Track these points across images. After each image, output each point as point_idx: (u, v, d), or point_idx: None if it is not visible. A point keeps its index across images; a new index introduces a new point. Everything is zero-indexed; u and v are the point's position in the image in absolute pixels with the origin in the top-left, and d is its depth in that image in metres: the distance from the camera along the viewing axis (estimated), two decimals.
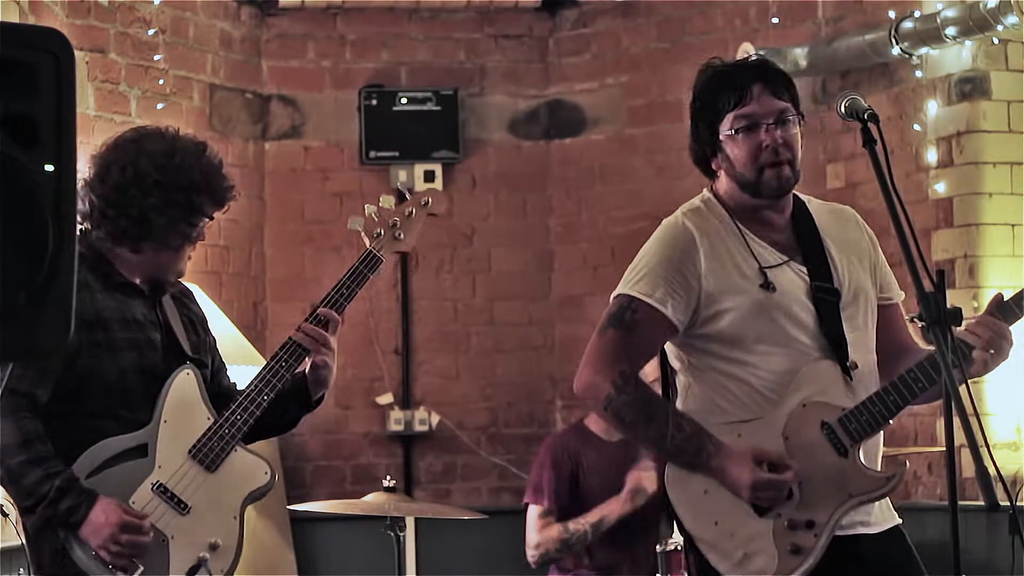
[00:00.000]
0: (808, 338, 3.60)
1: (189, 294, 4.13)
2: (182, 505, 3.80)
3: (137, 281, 3.93)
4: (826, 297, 3.62)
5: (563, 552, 5.93)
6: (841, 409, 3.56)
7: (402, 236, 4.17)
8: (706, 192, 3.76)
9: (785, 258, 3.65)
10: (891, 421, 3.59)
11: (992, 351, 3.55)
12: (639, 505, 5.78)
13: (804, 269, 3.64)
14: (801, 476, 3.53)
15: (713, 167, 3.72)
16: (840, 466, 3.56)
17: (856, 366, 3.61)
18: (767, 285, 3.59)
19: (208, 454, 3.85)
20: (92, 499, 3.68)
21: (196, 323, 4.06)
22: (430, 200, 4.24)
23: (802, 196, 3.77)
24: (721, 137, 3.66)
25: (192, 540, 3.80)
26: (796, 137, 3.66)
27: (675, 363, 3.74)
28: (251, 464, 3.93)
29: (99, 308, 3.82)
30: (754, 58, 3.72)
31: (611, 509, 5.88)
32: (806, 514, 3.54)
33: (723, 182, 3.72)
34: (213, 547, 3.82)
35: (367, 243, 4.13)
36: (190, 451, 3.84)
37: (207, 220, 3.95)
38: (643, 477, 5.75)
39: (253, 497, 3.92)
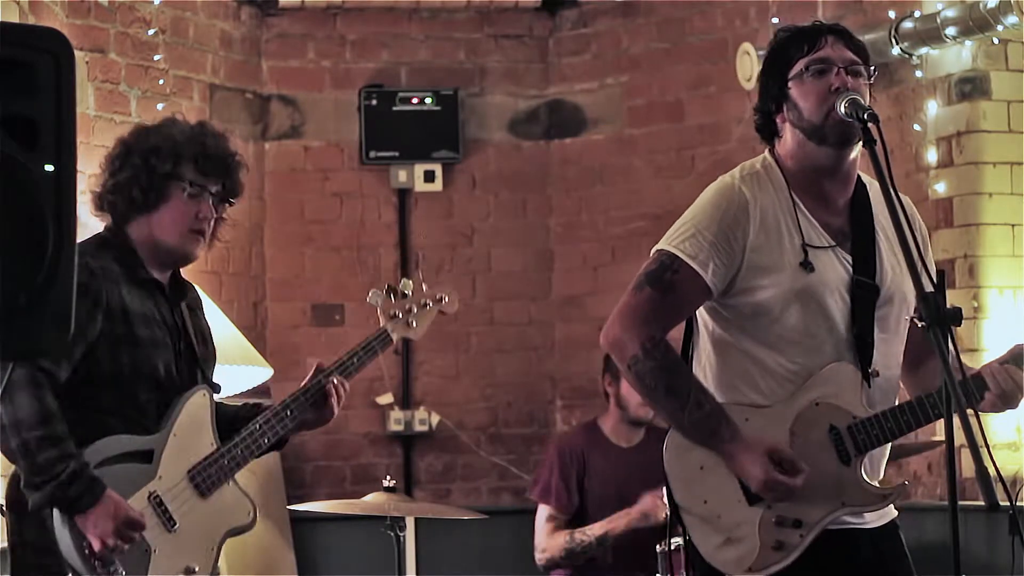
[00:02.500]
0: (837, 333, 3.55)
1: (199, 304, 4.14)
2: (171, 522, 3.80)
3: (157, 277, 3.94)
4: (864, 293, 3.57)
5: (568, 560, 5.94)
6: (852, 416, 3.54)
7: (414, 325, 4.35)
8: (767, 155, 3.68)
9: (832, 243, 3.58)
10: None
11: (1004, 401, 3.56)
12: (644, 527, 5.77)
13: (849, 259, 3.58)
14: (807, 473, 3.50)
15: (778, 123, 3.64)
16: (840, 474, 3.54)
17: (877, 374, 3.57)
18: (806, 264, 3.53)
19: (205, 480, 3.87)
20: (102, 489, 3.69)
21: (205, 335, 4.09)
22: (445, 299, 4.43)
23: (866, 179, 3.68)
24: (790, 84, 3.59)
25: (172, 558, 3.81)
26: (865, 91, 3.57)
27: (700, 327, 3.67)
28: (237, 501, 3.97)
29: (125, 301, 3.84)
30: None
31: (617, 524, 5.88)
32: (796, 512, 3.52)
33: (787, 140, 3.63)
34: (188, 571, 3.82)
35: (381, 320, 4.29)
36: (189, 472, 3.86)
37: (188, 184, 3.92)
38: (657, 504, 5.74)
39: (232, 533, 3.95)
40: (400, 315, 4.29)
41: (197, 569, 3.83)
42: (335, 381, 4.04)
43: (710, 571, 3.58)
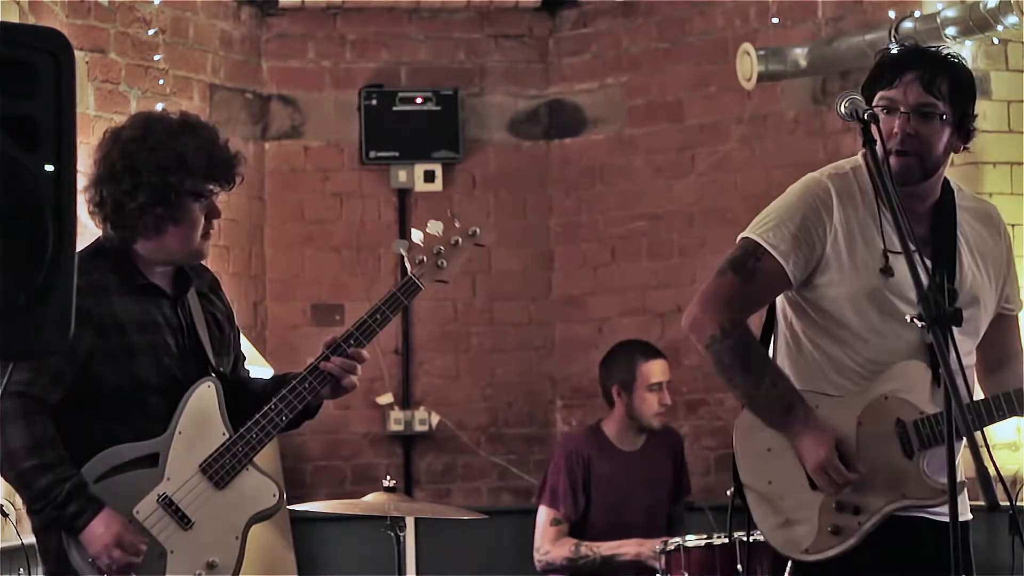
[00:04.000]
0: (911, 334, 3.62)
1: (215, 285, 4.06)
2: (185, 520, 3.77)
3: (157, 281, 3.89)
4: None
5: (568, 569, 5.95)
6: (920, 412, 3.60)
7: (445, 265, 4.13)
8: (859, 158, 3.74)
9: (913, 248, 3.62)
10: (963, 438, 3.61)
11: None
12: (653, 563, 5.78)
13: (928, 264, 3.63)
14: (863, 475, 3.59)
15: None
16: (902, 467, 3.61)
17: None
18: (887, 270, 3.62)
19: (219, 471, 3.82)
20: (98, 508, 3.68)
21: (220, 319, 4.01)
22: (478, 231, 4.22)
23: (955, 186, 3.78)
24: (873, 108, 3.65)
25: (191, 557, 3.77)
26: (934, 132, 3.64)
27: (779, 317, 3.78)
28: (260, 484, 3.89)
29: (116, 312, 3.79)
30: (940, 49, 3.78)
31: (627, 550, 5.88)
32: (856, 499, 3.61)
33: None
34: (211, 566, 3.78)
35: (409, 268, 4.08)
36: (201, 466, 3.82)
37: (204, 197, 3.86)
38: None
39: (258, 518, 3.88)
40: (426, 259, 4.10)
41: (219, 562, 3.79)
42: (344, 366, 3.91)
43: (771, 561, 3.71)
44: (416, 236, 4.12)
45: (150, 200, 3.81)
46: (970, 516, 3.73)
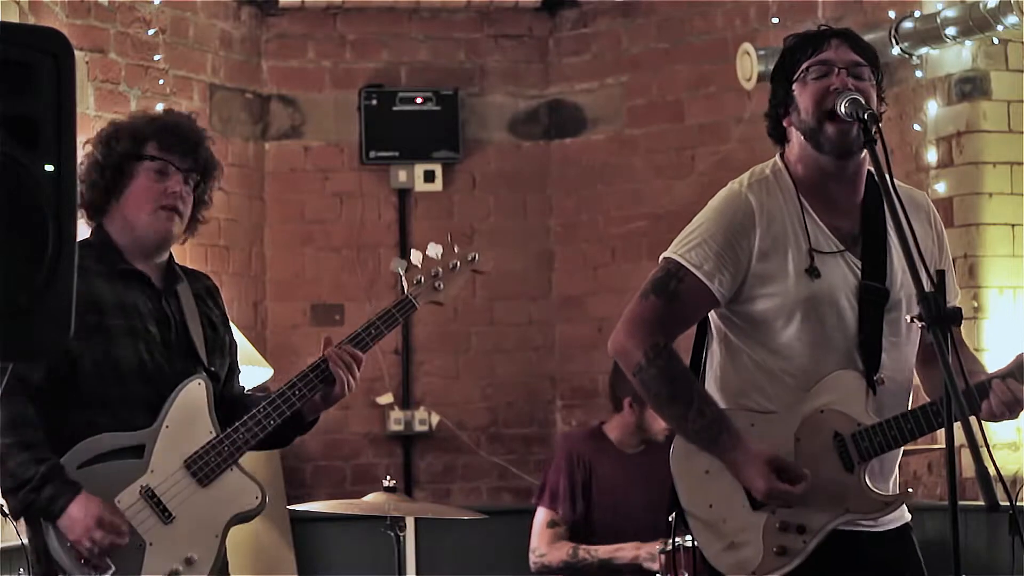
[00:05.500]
0: (843, 341, 3.55)
1: (213, 291, 4.07)
2: (166, 514, 3.76)
3: (142, 269, 3.89)
4: (873, 298, 3.55)
5: (565, 571, 5.93)
6: (857, 424, 3.54)
7: (441, 287, 4.17)
8: (777, 160, 3.66)
9: (842, 247, 3.57)
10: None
11: (1007, 411, 3.54)
12: (649, 566, 5.77)
13: (858, 263, 3.57)
14: (809, 487, 3.50)
15: (785, 127, 3.62)
16: (843, 481, 3.54)
17: (883, 382, 3.57)
18: (812, 271, 3.52)
19: (203, 468, 3.81)
20: (75, 491, 3.65)
21: (215, 322, 4.01)
22: (477, 256, 4.24)
23: (878, 178, 3.57)
24: (794, 86, 3.58)
25: (169, 551, 3.75)
26: (870, 92, 3.53)
27: (714, 331, 3.68)
28: (243, 485, 3.88)
29: (94, 291, 3.78)
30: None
31: (624, 553, 5.86)
32: (800, 518, 3.53)
33: (794, 144, 3.62)
34: (188, 562, 3.76)
35: (405, 287, 4.11)
36: (186, 462, 3.80)
37: (148, 159, 3.87)
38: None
39: (239, 519, 3.87)
40: (424, 280, 4.12)
41: (197, 558, 3.78)
42: (344, 358, 3.93)
43: (715, 574, 3.58)
44: (415, 257, 4.17)
45: (96, 169, 3.87)
46: (909, 517, 3.68)
